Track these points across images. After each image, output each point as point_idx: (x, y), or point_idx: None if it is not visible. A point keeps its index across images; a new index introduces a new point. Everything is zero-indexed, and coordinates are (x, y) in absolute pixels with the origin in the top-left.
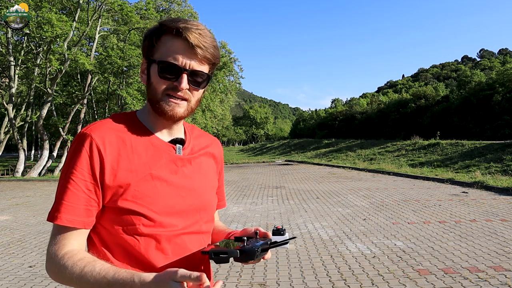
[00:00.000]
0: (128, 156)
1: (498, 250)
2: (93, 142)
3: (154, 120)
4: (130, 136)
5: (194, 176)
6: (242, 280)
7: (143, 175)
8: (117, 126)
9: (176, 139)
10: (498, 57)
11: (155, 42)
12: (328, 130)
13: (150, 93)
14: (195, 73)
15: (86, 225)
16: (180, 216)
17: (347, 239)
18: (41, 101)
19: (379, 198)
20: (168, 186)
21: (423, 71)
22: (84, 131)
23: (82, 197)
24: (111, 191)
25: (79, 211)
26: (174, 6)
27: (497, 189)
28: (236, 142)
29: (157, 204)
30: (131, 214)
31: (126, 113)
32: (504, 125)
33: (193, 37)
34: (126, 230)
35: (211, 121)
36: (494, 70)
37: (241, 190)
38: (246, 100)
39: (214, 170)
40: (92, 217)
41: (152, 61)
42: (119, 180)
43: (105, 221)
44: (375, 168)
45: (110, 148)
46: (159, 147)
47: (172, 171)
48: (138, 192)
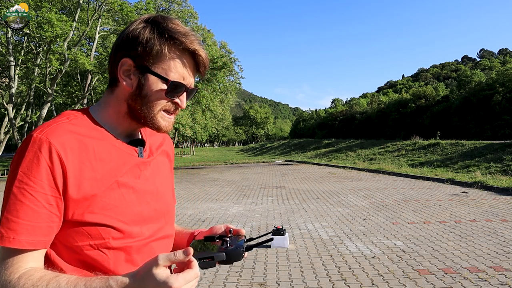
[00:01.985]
0: (91, 164)
1: (498, 250)
2: (52, 149)
3: (118, 121)
4: (91, 140)
5: (155, 179)
6: (242, 280)
7: (109, 184)
8: (76, 128)
9: (135, 140)
10: (498, 57)
11: (160, 51)
12: (328, 130)
13: (140, 104)
14: (192, 90)
15: (47, 244)
16: (147, 223)
17: (347, 239)
18: (41, 101)
19: (379, 198)
20: (134, 193)
21: (423, 71)
22: (39, 135)
23: (44, 213)
24: (75, 204)
25: (40, 230)
26: (174, 6)
27: (497, 189)
28: (236, 142)
29: (125, 213)
30: (99, 227)
31: (80, 111)
32: (504, 125)
33: (203, 57)
34: (94, 246)
35: (211, 121)
36: (494, 70)
37: (241, 190)
38: (246, 100)
39: (169, 169)
40: (54, 234)
41: (149, 70)
42: (84, 191)
43: (65, 238)
44: (375, 168)
45: (72, 155)
46: (122, 151)
47: (135, 176)
48: (105, 203)
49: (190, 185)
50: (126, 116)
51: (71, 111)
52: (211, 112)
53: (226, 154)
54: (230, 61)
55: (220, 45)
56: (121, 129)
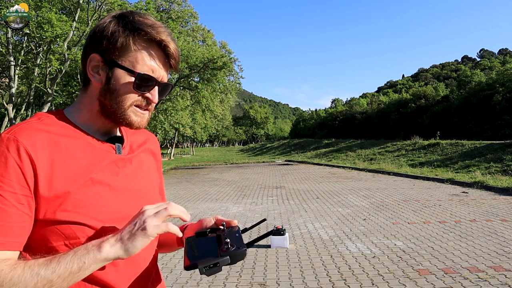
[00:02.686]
0: (63, 161)
1: (498, 250)
2: (20, 147)
3: (92, 120)
4: (64, 138)
5: (136, 176)
6: (242, 280)
7: (83, 181)
8: (47, 127)
9: (113, 137)
10: (498, 57)
11: (125, 43)
12: (328, 130)
13: (110, 99)
14: (165, 85)
15: (20, 246)
16: (127, 221)
17: (347, 239)
18: (41, 101)
19: (379, 198)
20: (111, 191)
21: (423, 71)
22: (7, 134)
23: (14, 213)
24: (47, 203)
25: (11, 231)
26: (174, 6)
27: (497, 189)
28: (236, 142)
29: (101, 211)
30: (73, 226)
31: (53, 112)
32: (504, 125)
33: (172, 48)
34: (68, 245)
35: (211, 121)
36: (494, 70)
37: (241, 190)
38: (246, 100)
39: (154, 168)
40: (26, 235)
41: (115, 63)
42: (56, 189)
43: (38, 238)
44: (375, 168)
45: (42, 153)
46: (98, 148)
47: (113, 173)
48: (79, 200)
49: (190, 185)
50: (99, 114)
51: (44, 112)
52: (211, 112)
53: (226, 154)
54: (230, 61)
55: (220, 45)
56: (95, 127)
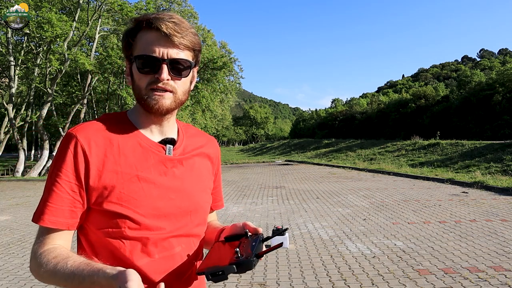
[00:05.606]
0: (114, 157)
1: (498, 250)
2: (78, 143)
3: (144, 119)
4: (118, 137)
5: (185, 178)
6: (242, 280)
7: (129, 177)
8: (105, 126)
9: (166, 139)
10: (498, 57)
11: (131, 40)
12: (328, 130)
13: (135, 92)
14: (176, 61)
15: (70, 227)
16: (168, 218)
17: (347, 239)
18: (41, 101)
19: (379, 198)
20: (155, 188)
21: (423, 71)
22: (70, 131)
23: (67, 198)
24: (96, 192)
25: (63, 213)
26: (174, 6)
27: (497, 189)
28: (236, 142)
29: (143, 206)
30: (117, 216)
31: (116, 113)
32: (504, 125)
33: (165, 26)
34: (112, 233)
35: (211, 121)
36: (494, 70)
37: (241, 190)
38: (246, 100)
39: (208, 171)
40: (77, 218)
41: (132, 59)
42: (104, 181)
43: (91, 223)
44: (375, 168)
45: (96, 149)
46: (147, 148)
47: (161, 172)
48: (123, 194)
49: None
50: (142, 110)
51: (109, 113)
52: (211, 112)
53: (226, 154)
54: (230, 61)
55: (220, 45)
56: (148, 126)
